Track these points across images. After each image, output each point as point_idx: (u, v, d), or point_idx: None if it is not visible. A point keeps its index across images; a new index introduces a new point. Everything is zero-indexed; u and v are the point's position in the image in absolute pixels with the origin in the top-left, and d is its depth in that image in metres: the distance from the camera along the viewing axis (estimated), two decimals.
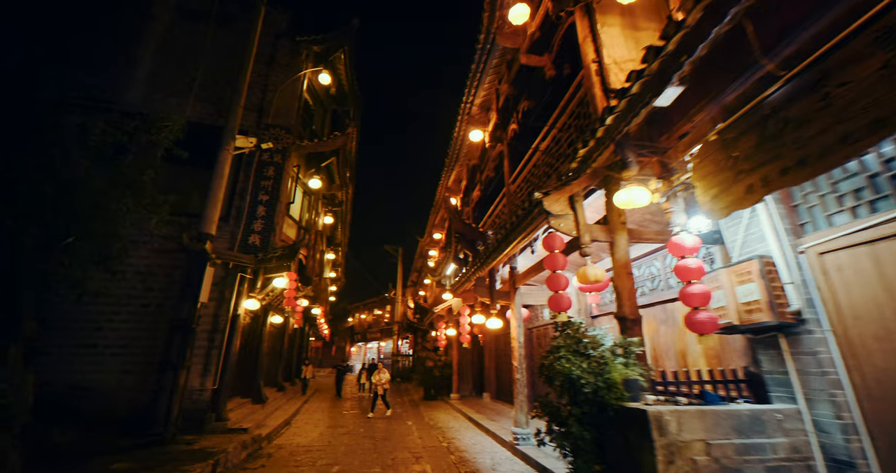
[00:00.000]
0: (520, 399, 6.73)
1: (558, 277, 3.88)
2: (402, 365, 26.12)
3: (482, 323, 8.96)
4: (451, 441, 7.73)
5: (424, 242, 18.36)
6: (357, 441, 7.82)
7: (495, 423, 8.66)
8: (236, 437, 6.94)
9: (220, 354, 7.85)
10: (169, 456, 5.54)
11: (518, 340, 7.02)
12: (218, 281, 8.29)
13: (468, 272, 7.75)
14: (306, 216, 12.09)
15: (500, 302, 7.33)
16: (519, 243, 5.46)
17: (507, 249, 5.89)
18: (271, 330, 13.73)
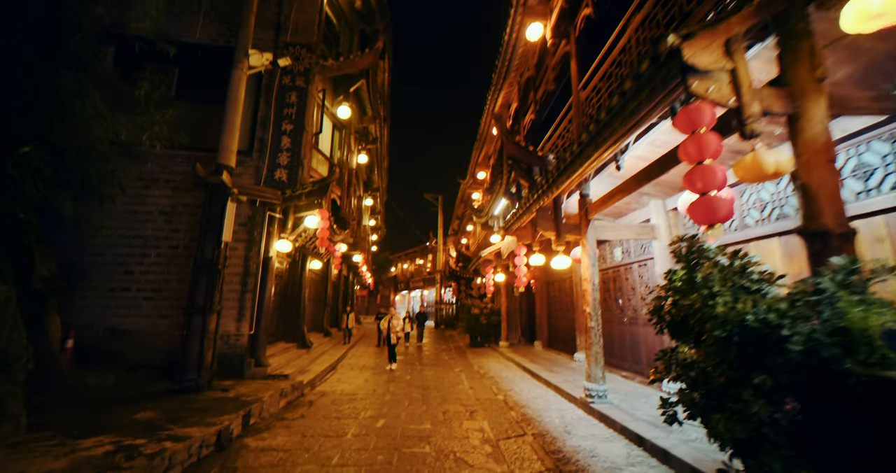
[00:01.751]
0: (594, 350, 5.59)
1: (708, 171, 2.40)
2: (445, 313, 26.04)
3: (541, 265, 7.73)
4: (506, 394, 6.89)
5: (466, 185, 16.95)
6: (403, 390, 7.19)
7: (556, 375, 7.71)
8: (275, 384, 6.45)
9: (254, 298, 7.26)
10: (199, 405, 5.03)
11: (591, 282, 5.74)
12: (245, 221, 7.53)
13: (526, 203, 6.38)
14: (338, 154, 10.99)
15: (568, 238, 5.99)
16: (610, 147, 3.99)
17: (587, 162, 4.43)
18: (312, 276, 13.39)
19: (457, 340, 17.10)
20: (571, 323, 10.20)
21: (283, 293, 10.12)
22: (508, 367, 9.82)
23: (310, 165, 8.53)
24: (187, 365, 5.84)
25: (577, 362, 8.93)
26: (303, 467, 3.68)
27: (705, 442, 3.72)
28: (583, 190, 6.03)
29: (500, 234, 11.35)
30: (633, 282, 7.34)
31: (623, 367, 7.47)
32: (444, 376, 8.73)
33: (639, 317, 7.11)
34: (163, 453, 3.36)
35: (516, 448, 4.22)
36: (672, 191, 5.75)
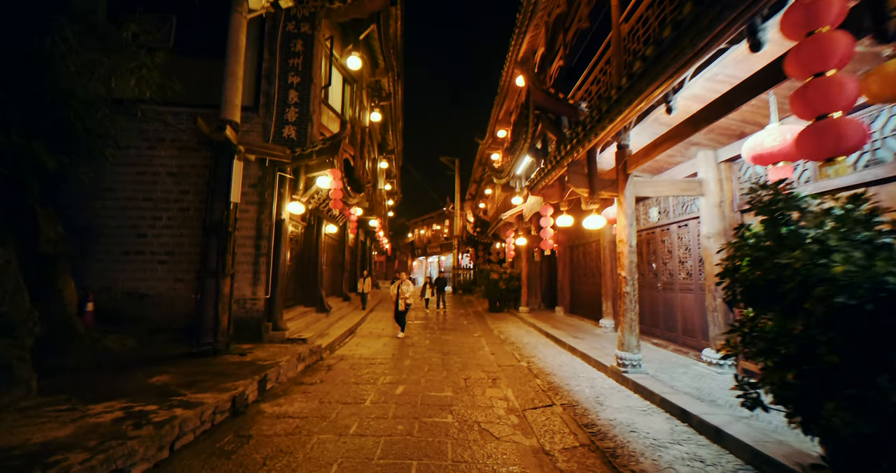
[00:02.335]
0: (628, 317, 5.17)
1: (832, 85, 1.73)
2: (462, 279, 25.97)
3: (568, 227, 7.19)
4: (530, 361, 6.62)
5: (485, 145, 16.10)
6: (423, 355, 7.02)
7: (581, 342, 7.38)
8: (293, 348, 6.34)
9: (268, 262, 7.04)
10: (216, 369, 4.90)
11: (628, 243, 5.21)
12: (255, 182, 7.18)
13: (556, 157, 5.77)
14: (350, 111, 10.35)
15: (603, 195, 5.40)
16: (661, 86, 3.35)
17: (631, 105, 3.79)
18: (329, 241, 13.20)
19: (475, 305, 17.01)
20: (596, 288, 9.76)
21: (299, 257, 9.94)
22: (529, 333, 9.58)
23: (319, 122, 7.99)
24: (203, 329, 5.72)
25: (602, 328, 8.57)
26: (319, 436, 3.48)
27: (763, 420, 3.32)
28: (621, 140, 5.36)
29: (522, 196, 10.73)
30: (669, 245, 6.76)
31: (654, 334, 7.07)
32: (463, 341, 8.55)
33: (675, 282, 6.60)
34: (172, 420, 3.18)
35: (545, 420, 3.94)
36: (727, 138, 5.02)
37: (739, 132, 4.77)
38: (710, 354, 5.16)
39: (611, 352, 6.32)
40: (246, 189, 7.13)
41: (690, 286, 6.22)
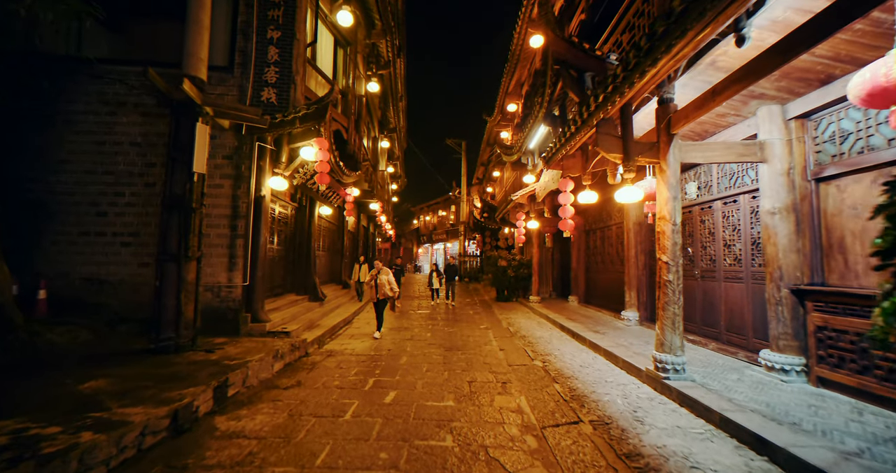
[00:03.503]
0: (670, 311, 4.21)
1: None
2: (469, 266, 25.10)
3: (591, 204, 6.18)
4: (545, 359, 5.73)
5: (493, 122, 14.97)
6: (423, 351, 6.16)
7: (603, 337, 6.46)
8: (272, 343, 5.50)
9: (246, 245, 6.17)
10: (168, 371, 4.07)
11: (671, 221, 4.23)
12: (230, 153, 6.26)
13: (581, 116, 4.74)
14: (343, 79, 9.32)
15: (640, 161, 4.38)
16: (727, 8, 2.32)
17: (683, 41, 2.77)
18: (326, 225, 12.34)
19: (482, 293, 16.15)
20: (617, 276, 8.79)
21: (290, 241, 9.09)
22: (542, 325, 8.68)
23: (304, 85, 6.99)
24: (163, 322, 4.89)
25: (624, 321, 7.64)
26: (273, 469, 2.63)
27: (880, 458, 2.38)
28: (664, 93, 4.32)
29: (534, 173, 9.70)
30: (711, 226, 5.74)
31: (689, 330, 6.11)
32: (469, 334, 7.69)
33: (717, 270, 5.61)
34: (69, 453, 2.33)
35: (571, 444, 3.04)
36: (804, 86, 3.96)
37: (825, 75, 3.70)
38: (772, 357, 4.21)
39: (641, 351, 5.39)
40: (220, 161, 6.23)
41: (738, 274, 5.22)
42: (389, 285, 6.97)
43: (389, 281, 6.97)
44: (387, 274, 6.99)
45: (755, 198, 4.97)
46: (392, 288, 6.97)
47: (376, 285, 6.94)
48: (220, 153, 6.22)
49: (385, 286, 6.94)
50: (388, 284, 6.95)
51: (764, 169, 4.41)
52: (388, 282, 6.97)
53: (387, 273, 7.01)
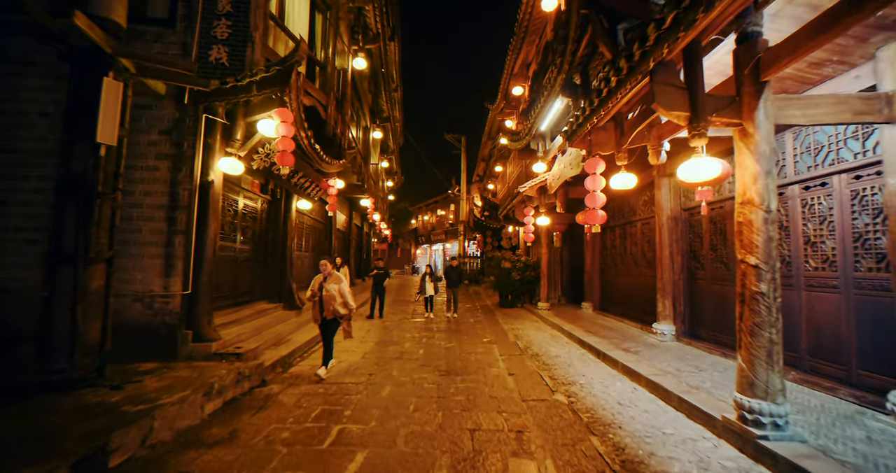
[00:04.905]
0: (764, 337, 2.91)
1: None
2: (469, 268, 23.79)
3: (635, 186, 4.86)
4: (570, 391, 4.42)
5: (497, 110, 13.68)
6: (412, 376, 4.87)
7: (639, 359, 5.16)
8: (214, 370, 4.20)
9: (187, 243, 4.86)
10: (31, 425, 2.76)
11: (764, 206, 2.94)
12: (168, 126, 4.96)
13: (623, 69, 3.44)
14: (322, 51, 8.01)
15: (715, 121, 3.07)
16: None
17: None
18: (309, 222, 11.03)
19: (483, 298, 14.84)
20: (645, 280, 7.49)
21: (260, 239, 7.79)
22: (556, 339, 7.36)
23: (265, 45, 5.69)
24: (55, 347, 3.59)
25: (658, 336, 6.33)
26: None
27: None
28: (747, 25, 3.02)
29: (546, 162, 8.44)
30: (783, 218, 4.44)
31: None
32: (469, 350, 6.39)
33: (796, 275, 4.31)
34: None
35: None
36: None
37: None
38: None
39: (698, 383, 4.08)
40: (155, 136, 4.92)
41: (830, 280, 3.93)
42: (342, 298, 4.75)
43: (342, 293, 4.74)
44: (338, 282, 4.78)
45: (858, 179, 3.67)
46: (346, 301, 4.75)
47: (321, 298, 4.73)
48: (155, 127, 4.92)
49: (335, 299, 4.71)
50: (339, 296, 4.73)
51: (889, 133, 3.10)
52: (341, 294, 4.74)
53: (338, 280, 4.80)
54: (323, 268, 4.77)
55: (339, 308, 4.75)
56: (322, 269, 4.80)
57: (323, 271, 4.80)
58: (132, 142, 4.82)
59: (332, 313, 4.76)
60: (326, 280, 4.80)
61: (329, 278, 4.80)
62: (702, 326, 5.92)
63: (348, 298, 4.78)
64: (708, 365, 4.78)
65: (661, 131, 4.38)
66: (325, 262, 4.77)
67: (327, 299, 4.72)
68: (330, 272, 4.81)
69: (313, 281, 4.82)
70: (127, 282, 4.68)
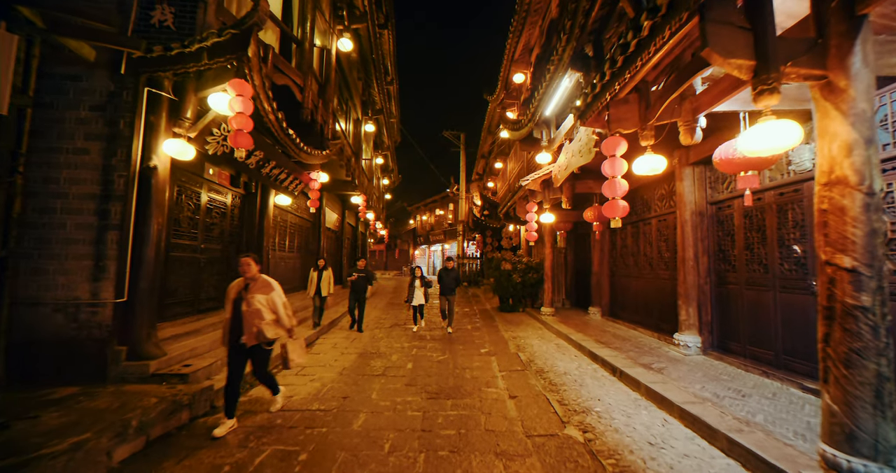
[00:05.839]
0: (868, 370, 2.10)
1: None
2: (467, 269, 22.96)
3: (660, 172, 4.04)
4: (586, 422, 3.59)
5: (496, 102, 12.87)
6: (394, 400, 4.06)
7: (664, 379, 4.33)
8: (144, 398, 3.37)
9: (124, 240, 4.04)
10: None
11: (864, 185, 2.12)
12: (101, 101, 4.14)
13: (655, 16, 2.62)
14: (299, 28, 7.20)
15: (790, 74, 2.27)
16: None
17: None
18: (295, 220, 10.21)
19: (482, 301, 14.00)
20: (661, 283, 6.67)
21: (232, 238, 6.97)
22: (563, 350, 6.53)
23: (220, 5, 4.86)
24: None
25: (679, 348, 5.50)
26: None
27: None
28: None
29: (551, 151, 7.61)
30: None
31: (802, 371, 3.99)
32: (465, 363, 5.57)
33: None
34: None
35: None
36: None
37: None
38: None
39: (745, 413, 3.25)
40: (84, 113, 4.10)
41: None
42: (274, 313, 3.42)
43: (273, 306, 3.41)
44: (267, 291, 3.42)
45: None
46: (280, 318, 3.46)
47: (237, 313, 3.33)
48: (84, 101, 4.10)
49: (262, 315, 3.31)
50: (268, 311, 3.38)
51: None
52: (272, 307, 3.41)
53: (267, 288, 3.43)
54: (244, 269, 3.41)
55: (268, 328, 3.35)
56: (242, 271, 3.41)
57: (244, 273, 3.41)
58: (56, 119, 4.03)
59: (256, 336, 3.31)
60: (249, 287, 3.38)
61: (253, 285, 3.40)
62: (733, 338, 5.09)
63: (283, 313, 3.46)
64: (750, 388, 3.95)
65: (697, 103, 3.57)
66: (248, 261, 3.40)
67: (249, 315, 3.29)
68: (255, 275, 3.45)
69: (228, 289, 3.46)
70: (46, 288, 3.86)
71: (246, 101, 4.10)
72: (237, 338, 3.35)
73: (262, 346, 3.44)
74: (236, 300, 3.38)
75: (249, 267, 3.42)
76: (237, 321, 3.35)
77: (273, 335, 3.43)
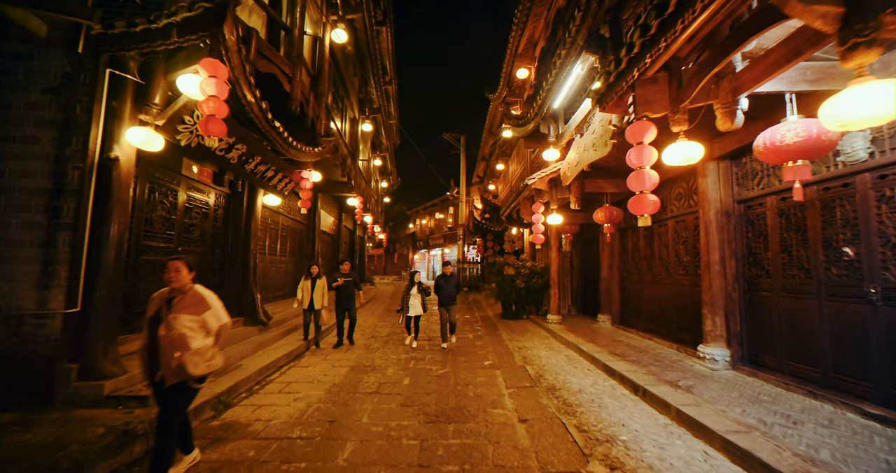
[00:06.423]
0: None
1: None
2: (468, 274, 22.43)
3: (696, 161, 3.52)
4: (612, 456, 3.05)
5: (499, 100, 12.39)
6: (387, 423, 3.53)
7: (695, 400, 3.81)
8: (87, 428, 2.85)
9: (77, 241, 3.53)
10: None
11: None
12: (55, 84, 3.66)
13: None
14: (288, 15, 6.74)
15: (892, 23, 1.78)
16: None
17: None
18: (288, 222, 9.73)
19: (483, 307, 13.45)
20: (681, 290, 6.15)
21: (214, 240, 6.48)
22: (574, 363, 5.99)
23: None
24: None
25: (706, 362, 4.97)
26: None
27: None
28: None
29: (559, 147, 7.13)
30: None
31: (869, 397, 3.46)
32: (467, 378, 5.03)
33: None
34: None
35: None
36: None
37: None
38: None
39: (810, 450, 2.72)
40: (35, 97, 3.62)
41: None
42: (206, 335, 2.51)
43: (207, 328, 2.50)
44: (199, 309, 2.49)
45: None
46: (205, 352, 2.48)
47: (154, 338, 2.41)
48: (36, 84, 3.61)
49: (187, 340, 2.39)
50: (200, 335, 2.46)
51: None
52: (205, 329, 2.50)
53: (200, 306, 2.51)
54: (171, 277, 2.48)
55: (194, 361, 2.39)
56: (168, 278, 2.48)
57: (171, 282, 2.48)
58: (1, 104, 3.53)
59: (177, 372, 2.36)
60: (172, 304, 2.46)
61: (180, 300, 2.47)
62: (768, 351, 4.56)
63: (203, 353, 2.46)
64: (799, 412, 3.42)
65: (737, 82, 3.09)
66: (178, 266, 2.49)
67: (167, 342, 2.37)
68: (185, 287, 2.52)
69: (150, 302, 2.57)
70: None
71: (220, 84, 3.60)
72: (153, 373, 2.43)
73: (186, 385, 2.45)
74: (152, 319, 2.46)
75: (178, 275, 2.49)
76: (153, 348, 2.41)
77: (204, 369, 2.47)
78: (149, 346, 2.45)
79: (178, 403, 2.46)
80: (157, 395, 2.48)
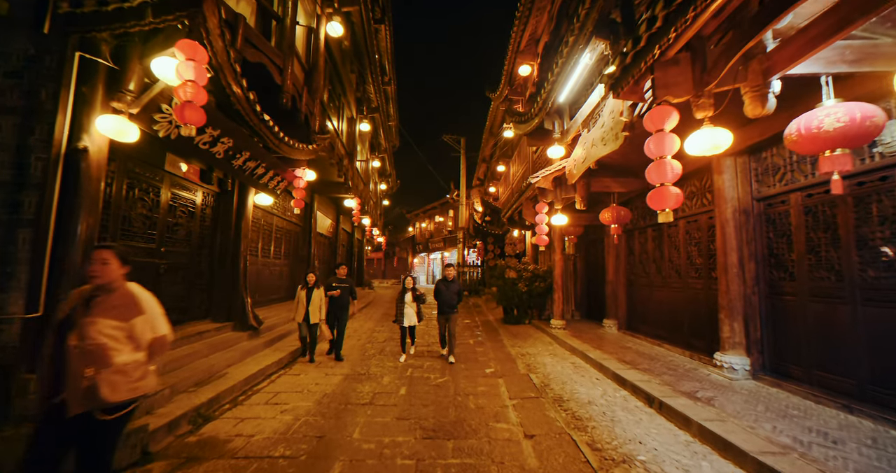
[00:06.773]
0: None
1: None
2: (468, 278, 22.07)
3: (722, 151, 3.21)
4: None
5: (500, 99, 12.11)
6: (380, 440, 3.21)
7: (718, 415, 3.49)
8: None
9: (40, 240, 3.21)
10: None
11: None
12: (18, 66, 3.35)
13: None
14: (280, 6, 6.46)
15: None
16: None
17: None
18: (282, 223, 9.42)
19: (484, 312, 13.11)
20: (694, 294, 5.82)
21: (202, 241, 6.17)
22: (581, 371, 5.64)
23: None
24: None
25: (724, 371, 4.63)
26: None
27: None
28: None
29: (565, 144, 6.83)
30: None
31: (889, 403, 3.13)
32: (468, 389, 4.69)
33: None
34: None
35: None
36: None
37: None
38: None
39: (852, 470, 2.37)
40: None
41: None
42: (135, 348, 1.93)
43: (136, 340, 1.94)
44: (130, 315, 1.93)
45: None
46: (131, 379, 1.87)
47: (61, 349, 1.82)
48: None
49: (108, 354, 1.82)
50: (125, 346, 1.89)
51: None
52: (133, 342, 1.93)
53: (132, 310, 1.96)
54: (95, 270, 1.94)
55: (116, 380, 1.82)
56: (92, 272, 1.94)
57: (95, 277, 1.95)
58: None
59: (86, 395, 1.77)
60: (92, 304, 1.90)
61: (104, 299, 1.93)
62: (793, 361, 4.22)
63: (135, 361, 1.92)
64: (837, 429, 3.08)
65: (769, 63, 2.79)
66: (105, 257, 1.96)
67: (77, 355, 1.80)
68: (112, 283, 1.98)
69: (65, 301, 2.01)
70: None
71: (199, 68, 3.30)
72: (52, 397, 1.80)
73: (99, 416, 1.80)
74: (63, 323, 1.87)
75: (105, 268, 1.94)
76: (59, 364, 1.81)
77: (126, 394, 1.85)
78: (52, 360, 1.82)
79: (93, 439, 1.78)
80: (43, 434, 1.76)
